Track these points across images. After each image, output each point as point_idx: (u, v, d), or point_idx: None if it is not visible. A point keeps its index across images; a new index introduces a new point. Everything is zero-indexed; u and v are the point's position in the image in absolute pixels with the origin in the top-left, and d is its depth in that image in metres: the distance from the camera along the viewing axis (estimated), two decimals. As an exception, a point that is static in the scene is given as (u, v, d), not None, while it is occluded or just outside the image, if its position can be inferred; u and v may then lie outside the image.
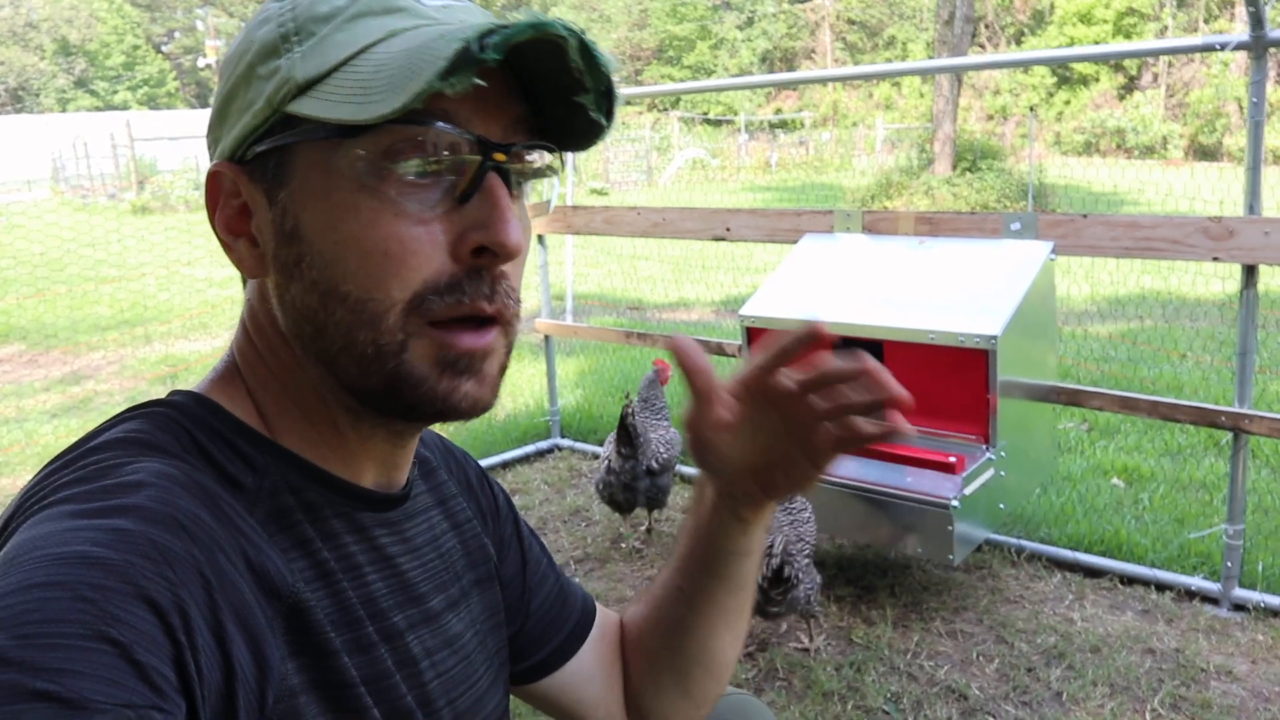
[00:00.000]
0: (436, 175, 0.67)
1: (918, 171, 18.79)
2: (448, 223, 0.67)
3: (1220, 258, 2.76)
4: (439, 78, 0.60)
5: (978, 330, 2.71)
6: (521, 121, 0.71)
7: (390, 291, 0.66)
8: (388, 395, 0.70)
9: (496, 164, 0.68)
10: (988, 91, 38.28)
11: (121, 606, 0.52)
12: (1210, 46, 2.83)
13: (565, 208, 4.52)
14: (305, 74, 0.66)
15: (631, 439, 3.38)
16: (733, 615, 0.97)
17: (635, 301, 8.84)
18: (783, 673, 2.71)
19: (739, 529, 0.90)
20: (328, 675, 0.68)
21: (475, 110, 0.67)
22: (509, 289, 0.71)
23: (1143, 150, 29.51)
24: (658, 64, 47.60)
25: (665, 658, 0.99)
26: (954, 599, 3.06)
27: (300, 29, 0.67)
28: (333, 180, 0.66)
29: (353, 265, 0.67)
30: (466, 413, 0.71)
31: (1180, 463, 4.27)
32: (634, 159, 26.28)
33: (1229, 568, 2.96)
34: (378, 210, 0.66)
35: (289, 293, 0.70)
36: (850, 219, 3.40)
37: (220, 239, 0.73)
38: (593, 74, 0.68)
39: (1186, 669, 2.63)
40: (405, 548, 0.80)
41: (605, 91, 0.70)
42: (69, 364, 7.53)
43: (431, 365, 0.69)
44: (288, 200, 0.69)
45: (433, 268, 0.67)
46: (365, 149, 0.65)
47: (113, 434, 0.68)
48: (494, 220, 0.67)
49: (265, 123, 0.68)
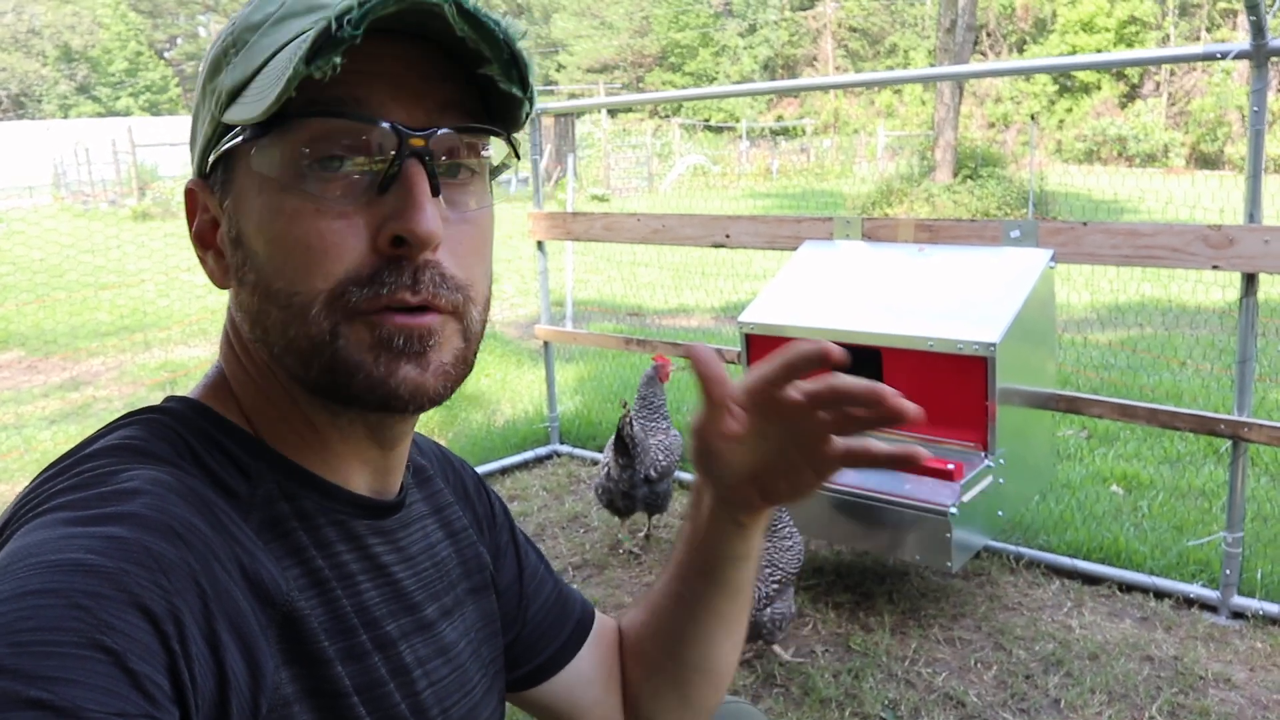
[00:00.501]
0: (356, 167, 0.67)
1: (919, 179, 18.81)
2: (368, 214, 0.67)
3: (1220, 266, 2.76)
4: (304, 62, 0.60)
5: (977, 338, 2.71)
6: (452, 106, 0.69)
7: (313, 284, 0.66)
8: (331, 385, 0.69)
9: (414, 150, 0.66)
10: (989, 99, 38.31)
11: (116, 614, 0.52)
12: (1211, 55, 2.84)
13: (565, 214, 4.53)
14: (232, 82, 0.67)
15: (629, 449, 3.38)
16: (731, 621, 0.97)
17: (635, 308, 8.84)
18: (780, 680, 2.70)
19: (736, 534, 0.89)
20: (321, 684, 0.68)
21: (394, 97, 0.66)
22: (439, 277, 0.68)
23: (1144, 158, 29.51)
24: (660, 70, 47.66)
25: (664, 665, 0.99)
26: (952, 606, 3.06)
27: (236, 40, 0.69)
28: (260, 182, 0.67)
29: (279, 262, 0.67)
30: (409, 399, 0.69)
31: (1179, 470, 4.26)
32: (635, 165, 26.29)
33: (1228, 575, 2.96)
34: (299, 207, 0.66)
35: (240, 297, 0.72)
36: (850, 226, 3.41)
37: (197, 253, 0.75)
38: (489, 43, 0.66)
39: (1185, 677, 2.63)
40: (399, 556, 0.80)
41: (509, 59, 0.67)
42: (68, 370, 7.53)
43: (366, 349, 0.68)
44: (231, 208, 0.70)
45: (353, 259, 0.66)
46: (281, 145, 0.66)
47: (108, 441, 0.68)
48: (408, 208, 0.66)
49: (213, 135, 0.70)
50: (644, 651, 1.01)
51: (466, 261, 0.71)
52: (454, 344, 0.71)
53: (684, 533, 0.94)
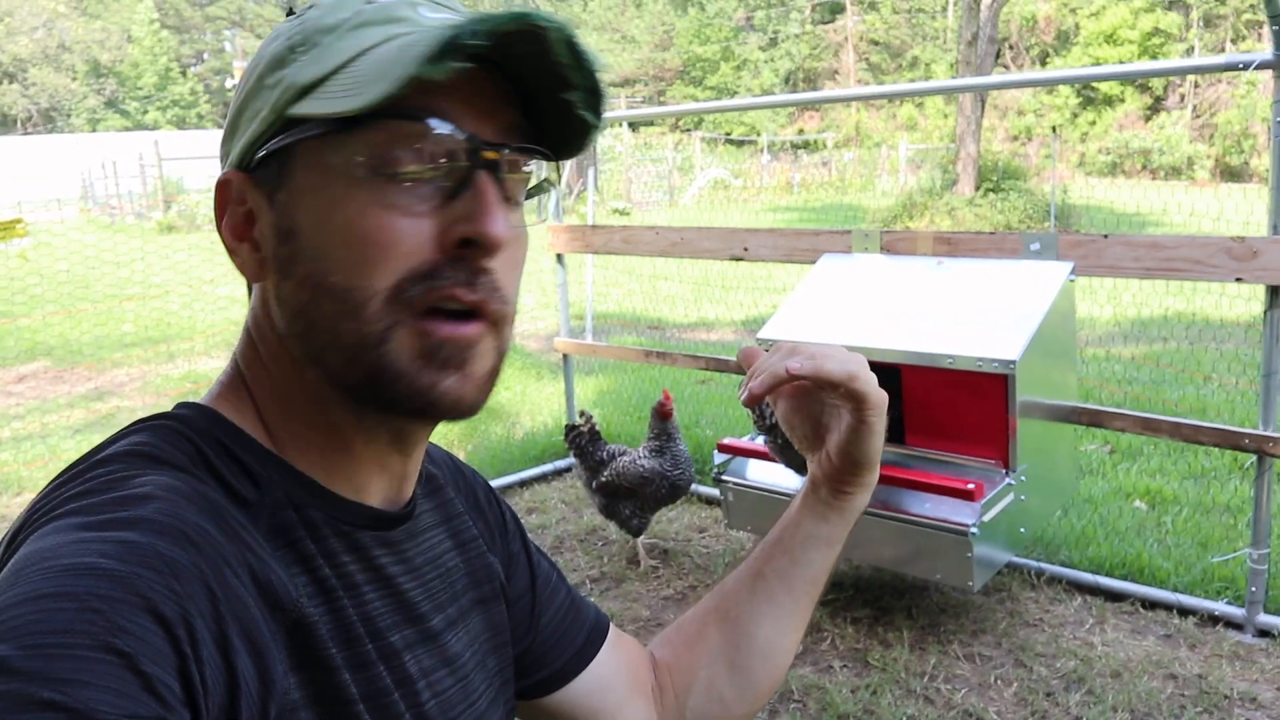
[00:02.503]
0: (428, 171, 0.68)
1: (940, 192, 18.76)
2: (436, 217, 0.68)
3: (1244, 278, 2.74)
4: (422, 63, 0.61)
5: (996, 355, 2.69)
6: (515, 128, 0.72)
7: (374, 279, 0.67)
8: (371, 389, 0.70)
9: (486, 162, 0.69)
10: (1011, 112, 38.18)
11: (128, 618, 0.52)
12: (1234, 65, 2.82)
13: (585, 227, 4.54)
14: (306, 78, 0.68)
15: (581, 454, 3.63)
16: (802, 606, 1.01)
17: (655, 321, 8.84)
18: (798, 694, 2.69)
19: (822, 513, 0.98)
20: (328, 691, 0.68)
21: (468, 112, 0.68)
22: (493, 284, 0.70)
23: (1168, 171, 29.32)
24: (681, 84, 47.79)
25: (727, 650, 1.01)
26: (972, 622, 3.04)
27: (306, 40, 0.70)
28: (327, 176, 0.68)
29: (340, 256, 0.68)
30: (448, 410, 0.71)
31: (1204, 486, 4.22)
32: (656, 179, 26.35)
33: (1253, 593, 2.92)
34: (368, 203, 0.67)
35: (284, 291, 0.72)
36: (868, 239, 3.40)
37: (226, 244, 0.75)
38: (579, 70, 0.68)
39: (1209, 696, 2.59)
40: (405, 567, 0.80)
41: (592, 89, 0.70)
42: (93, 380, 7.61)
43: (413, 357, 0.69)
44: (286, 199, 0.71)
45: (417, 257, 0.68)
46: (358, 144, 0.67)
47: (120, 447, 0.69)
48: (479, 213, 0.68)
49: (269, 128, 0.70)
50: (706, 639, 1.02)
51: (510, 277, 0.73)
52: (489, 358, 0.73)
53: (780, 518, 1.01)
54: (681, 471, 3.44)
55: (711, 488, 4.09)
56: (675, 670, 1.04)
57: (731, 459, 3.23)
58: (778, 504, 3.05)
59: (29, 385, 7.57)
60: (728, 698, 1.01)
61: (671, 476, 3.41)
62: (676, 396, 5.83)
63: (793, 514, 1.00)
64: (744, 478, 3.17)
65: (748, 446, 3.16)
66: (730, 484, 3.18)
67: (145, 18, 51.24)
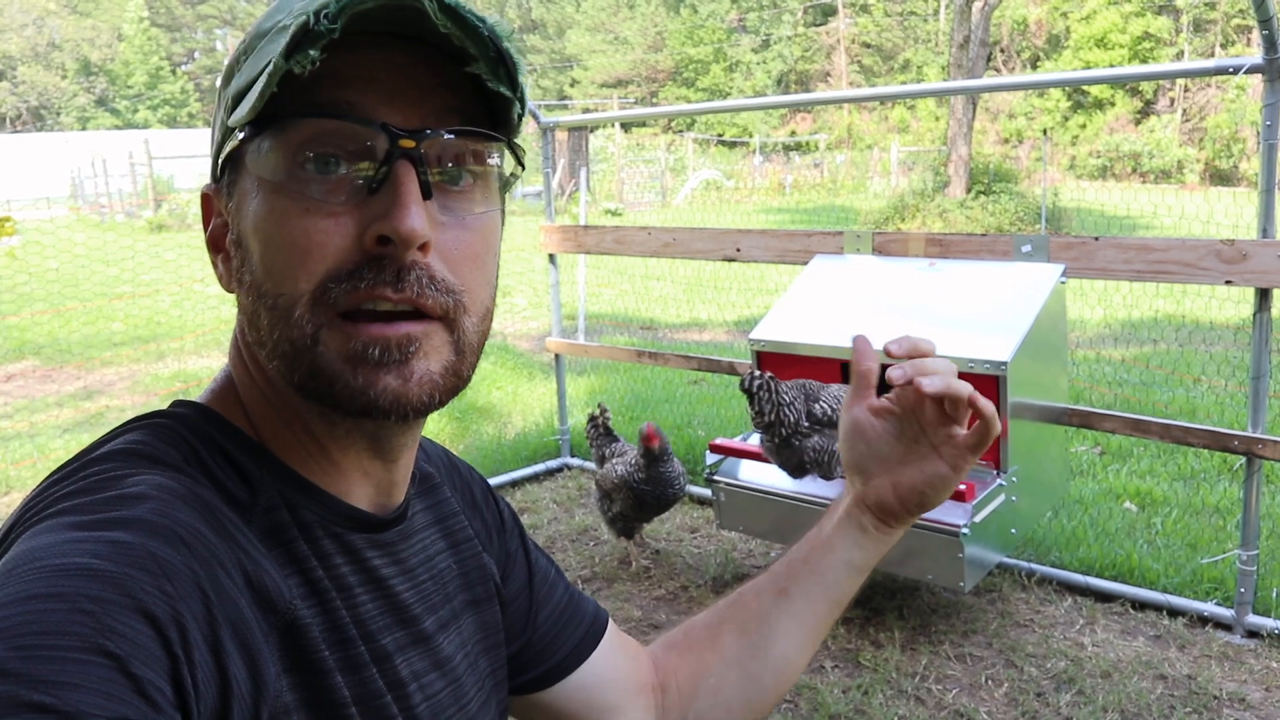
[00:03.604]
0: (347, 169, 0.67)
1: (932, 194, 18.78)
2: (358, 215, 0.67)
3: (1233, 281, 2.75)
4: (283, 57, 0.60)
5: (987, 356, 2.70)
6: (452, 112, 0.69)
7: (297, 283, 0.66)
8: (315, 391, 0.69)
9: (404, 151, 0.66)
10: (1003, 115, 38.28)
11: (119, 619, 0.52)
12: (1224, 69, 2.83)
13: (577, 227, 4.54)
14: (237, 87, 0.68)
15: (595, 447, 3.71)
16: (822, 626, 1.01)
17: (648, 321, 8.84)
18: (789, 695, 2.69)
19: (861, 540, 0.97)
20: (320, 694, 0.67)
21: (388, 102, 0.66)
22: (427, 279, 0.67)
23: (1158, 175, 29.42)
24: (673, 86, 47.80)
25: (742, 658, 1.00)
26: (963, 622, 3.04)
27: (247, 48, 0.70)
28: (257, 184, 0.68)
29: (269, 261, 0.67)
30: (387, 409, 0.68)
31: (1193, 487, 4.24)
32: (648, 180, 26.33)
33: (1242, 594, 2.93)
34: (290, 207, 0.66)
35: (240, 299, 0.72)
36: (860, 240, 3.40)
37: (210, 257, 0.76)
38: (474, 39, 0.65)
39: (1199, 696, 2.60)
40: (398, 569, 0.79)
41: (496, 57, 0.67)
42: (82, 379, 7.57)
43: (343, 359, 0.67)
44: (233, 210, 0.71)
45: (337, 258, 0.66)
46: (276, 146, 0.66)
47: (114, 445, 0.68)
48: (394, 206, 0.65)
49: (223, 140, 0.70)
50: (721, 645, 1.01)
51: (462, 268, 0.70)
52: (444, 355, 0.70)
53: (809, 535, 1.00)
54: (653, 490, 3.36)
55: (703, 488, 4.10)
56: (681, 672, 1.03)
57: (723, 459, 3.23)
58: (769, 504, 3.05)
59: (17, 384, 7.53)
60: (734, 705, 1.01)
61: (636, 488, 3.35)
62: (668, 397, 5.85)
63: (825, 536, 0.98)
64: (736, 478, 3.17)
65: (740, 447, 3.16)
66: (722, 484, 3.18)
67: (135, 15, 51.04)
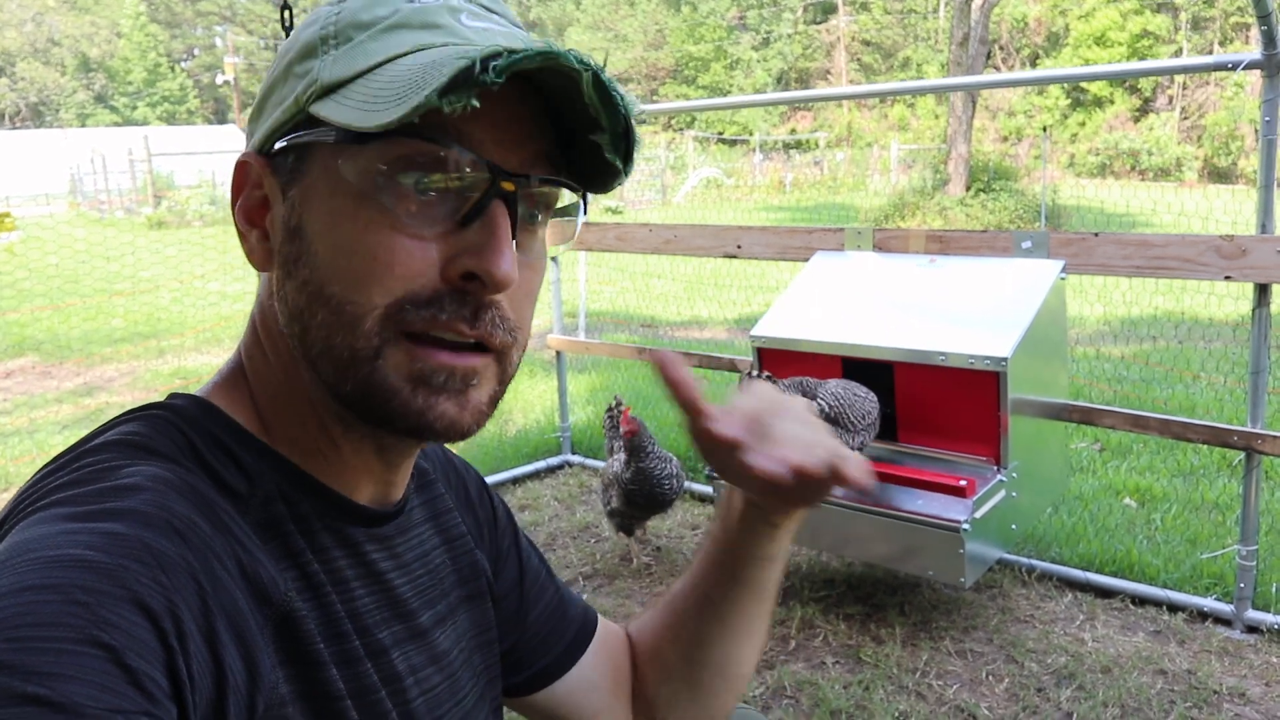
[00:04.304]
0: (441, 195, 0.66)
1: (932, 192, 18.79)
2: (444, 243, 0.66)
3: (1233, 276, 2.75)
4: (437, 94, 0.59)
5: (988, 352, 2.69)
6: (545, 157, 0.70)
7: (371, 295, 0.66)
8: (364, 404, 0.69)
9: (503, 192, 0.66)
10: (1002, 113, 38.29)
11: (114, 610, 0.52)
12: (1222, 65, 2.83)
13: (577, 224, 4.53)
14: (331, 77, 0.66)
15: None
16: (756, 623, 0.96)
17: (649, 319, 8.83)
18: (790, 690, 2.69)
19: (767, 534, 0.90)
20: (316, 686, 0.67)
21: (495, 138, 0.66)
22: (499, 318, 0.69)
23: (1157, 172, 29.43)
24: (673, 83, 47.78)
25: (683, 668, 0.98)
26: (964, 618, 3.04)
27: (339, 33, 0.68)
28: (339, 184, 0.67)
29: (341, 266, 0.66)
30: (441, 434, 0.69)
31: (1193, 483, 4.24)
32: (649, 178, 26.31)
33: (1242, 589, 2.93)
34: (376, 219, 0.66)
35: (286, 289, 0.70)
36: (861, 237, 3.40)
37: (237, 228, 0.74)
38: (609, 113, 0.66)
39: (1199, 691, 2.60)
40: (395, 564, 0.79)
41: (623, 133, 0.68)
42: (81, 376, 7.57)
43: (404, 378, 0.67)
44: (297, 197, 0.69)
45: (419, 281, 0.66)
46: (374, 157, 0.65)
47: (110, 436, 0.68)
48: (488, 248, 0.66)
49: (291, 119, 0.68)
50: (661, 655, 1.00)
51: (522, 305, 0.72)
52: (491, 386, 0.72)
53: (712, 533, 0.94)
54: (640, 488, 3.29)
55: (705, 485, 4.09)
56: (644, 664, 1.03)
57: (723, 456, 3.22)
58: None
59: (16, 380, 7.52)
60: (690, 711, 1.00)
61: (624, 486, 3.31)
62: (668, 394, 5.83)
63: (732, 537, 0.91)
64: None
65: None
66: (723, 481, 3.17)
67: (132, 11, 50.98)
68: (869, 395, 2.81)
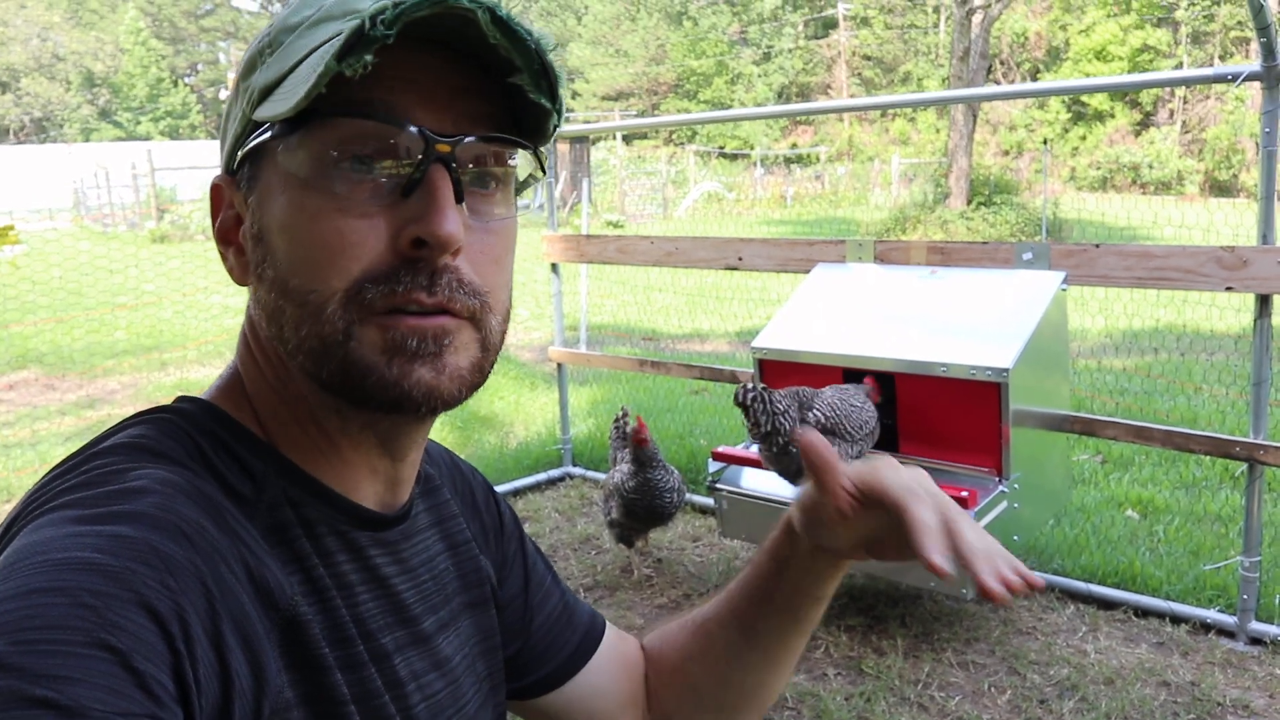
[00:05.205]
0: (381, 170, 0.67)
1: (933, 206, 18.81)
2: (391, 216, 0.67)
3: (1234, 287, 2.75)
4: (335, 59, 0.61)
5: (990, 363, 2.70)
6: (483, 117, 0.70)
7: (330, 282, 0.67)
8: (344, 386, 0.69)
9: (439, 155, 0.67)
10: (1003, 126, 38.34)
11: (121, 613, 0.52)
12: (1222, 77, 2.84)
13: (579, 237, 4.54)
14: (265, 81, 0.68)
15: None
16: (795, 654, 0.98)
17: (650, 332, 8.84)
18: (792, 702, 2.68)
19: (830, 576, 0.92)
20: (321, 691, 0.67)
21: (423, 104, 0.67)
22: (456, 282, 0.68)
23: (1158, 186, 29.44)
24: (675, 98, 47.89)
25: (714, 691, 0.99)
26: (966, 630, 3.04)
27: (273, 42, 0.70)
28: (286, 179, 0.68)
29: (298, 258, 0.68)
30: (421, 401, 0.69)
31: (1195, 495, 4.23)
32: (650, 192, 26.35)
33: (1245, 601, 2.93)
34: (323, 205, 0.67)
35: (259, 294, 0.72)
36: (862, 249, 3.41)
37: (218, 248, 0.76)
38: (519, 50, 0.66)
39: (1202, 703, 2.59)
40: (400, 568, 0.79)
41: (540, 70, 0.68)
42: (84, 388, 7.58)
43: (379, 351, 0.68)
44: (255, 204, 0.71)
45: (371, 258, 0.67)
46: (309, 144, 0.67)
47: (118, 439, 0.68)
48: (430, 212, 0.66)
49: (243, 132, 0.70)
50: (689, 676, 1.01)
51: (486, 270, 0.71)
52: (471, 351, 0.71)
53: (759, 566, 0.94)
54: (641, 499, 3.31)
55: (706, 497, 4.09)
56: (663, 681, 1.03)
57: (726, 467, 3.23)
58: (772, 512, 3.04)
59: (19, 392, 7.53)
60: None
61: (625, 496, 3.31)
62: (670, 406, 5.85)
63: (790, 574, 0.92)
64: (738, 486, 3.17)
65: (742, 455, 3.16)
66: (725, 492, 3.18)
67: (132, 27, 51.15)
68: (866, 404, 2.81)
